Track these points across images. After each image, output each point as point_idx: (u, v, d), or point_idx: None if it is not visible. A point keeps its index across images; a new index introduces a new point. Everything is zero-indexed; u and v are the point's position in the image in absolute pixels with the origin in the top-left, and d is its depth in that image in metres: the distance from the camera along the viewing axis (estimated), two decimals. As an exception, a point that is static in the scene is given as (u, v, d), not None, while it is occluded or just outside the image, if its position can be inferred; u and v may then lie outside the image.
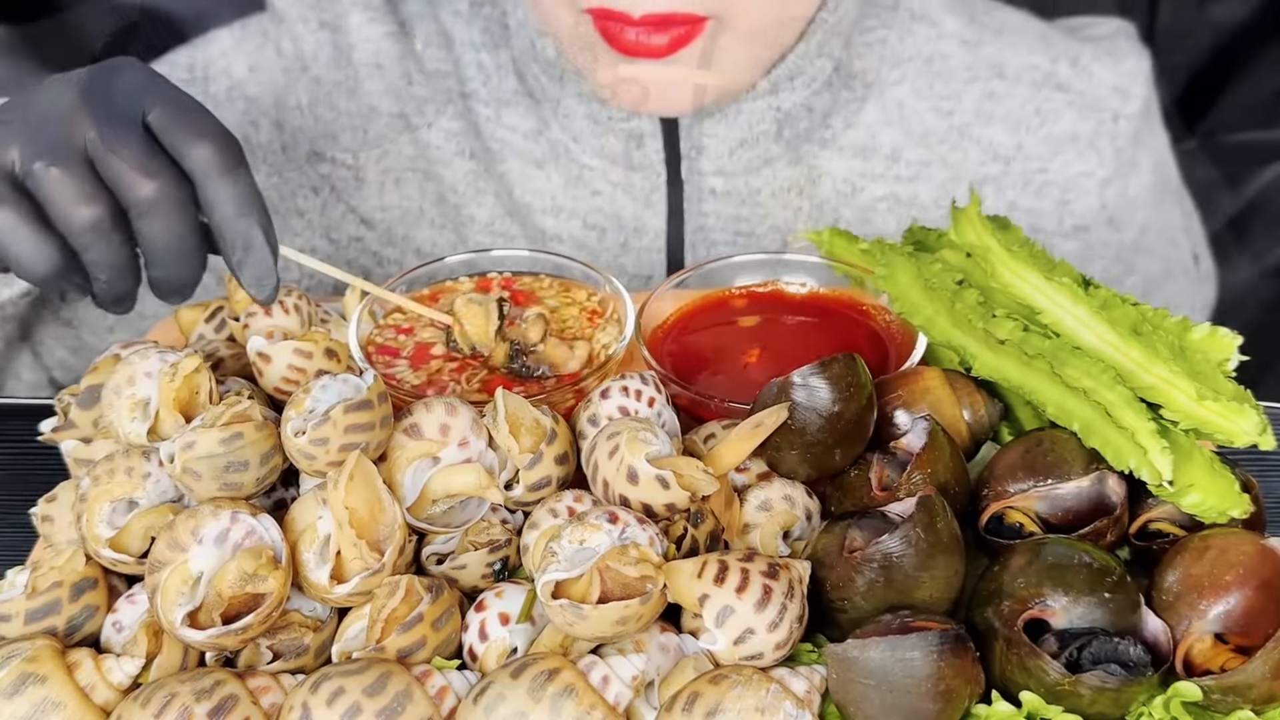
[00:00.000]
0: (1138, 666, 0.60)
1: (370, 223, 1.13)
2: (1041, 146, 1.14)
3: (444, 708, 0.60)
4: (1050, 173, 1.14)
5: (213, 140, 0.69)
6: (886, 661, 0.59)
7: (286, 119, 1.12)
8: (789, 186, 1.11)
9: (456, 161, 1.11)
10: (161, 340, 0.81)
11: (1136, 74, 1.16)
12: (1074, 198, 1.15)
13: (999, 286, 0.81)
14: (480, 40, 1.11)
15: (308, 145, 1.12)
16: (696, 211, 1.11)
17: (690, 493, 0.67)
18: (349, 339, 0.82)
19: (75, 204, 0.68)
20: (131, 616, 0.66)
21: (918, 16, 1.14)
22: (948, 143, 1.13)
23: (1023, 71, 1.14)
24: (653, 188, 1.10)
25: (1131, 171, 1.18)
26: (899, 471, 0.70)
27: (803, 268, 0.92)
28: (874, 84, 1.11)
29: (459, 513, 0.70)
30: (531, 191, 1.11)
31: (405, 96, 1.11)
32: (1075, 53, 1.16)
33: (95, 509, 0.67)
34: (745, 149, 1.08)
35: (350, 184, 1.13)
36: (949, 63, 1.13)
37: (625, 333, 0.84)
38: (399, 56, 1.11)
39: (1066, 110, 1.14)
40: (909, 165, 1.13)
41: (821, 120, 1.10)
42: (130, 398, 0.70)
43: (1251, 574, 0.62)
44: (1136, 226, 1.20)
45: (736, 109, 1.06)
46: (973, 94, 1.13)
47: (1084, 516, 0.69)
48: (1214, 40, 1.56)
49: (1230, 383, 0.75)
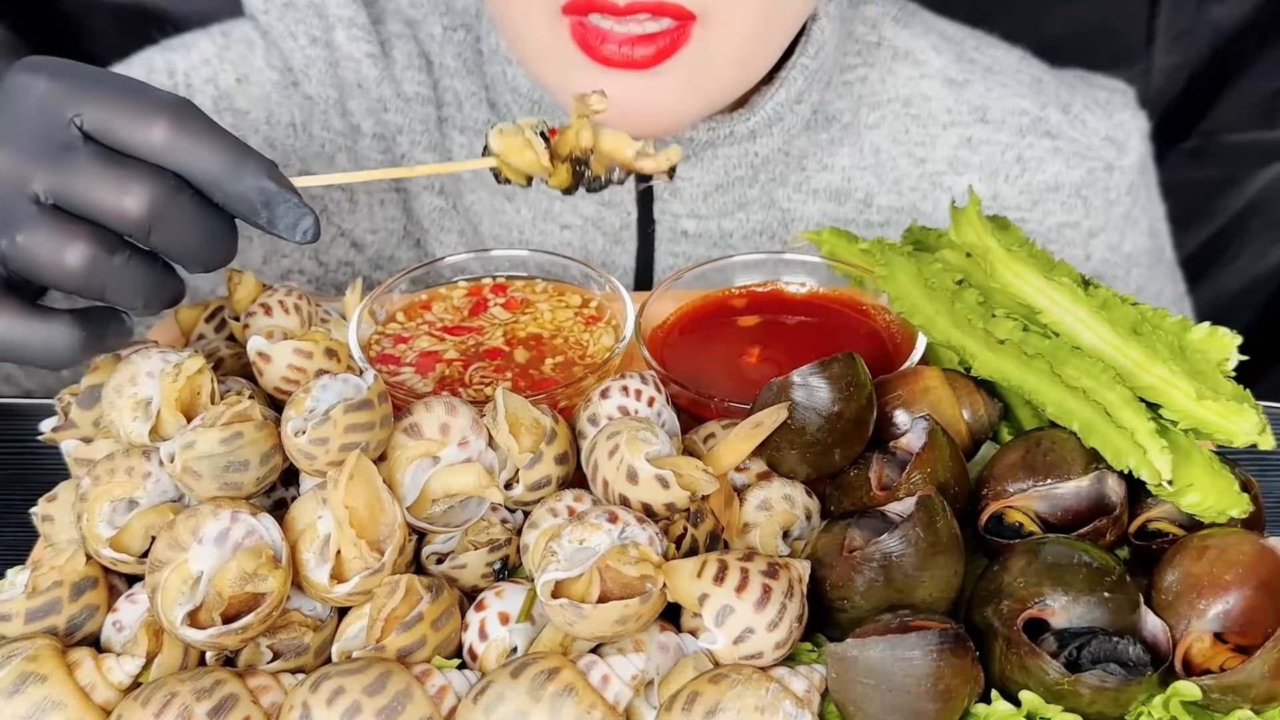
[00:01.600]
0: (1137, 666, 0.60)
1: (360, 245, 1.11)
2: (1020, 196, 1.11)
3: (444, 707, 0.60)
4: (1029, 223, 1.12)
5: (163, 115, 0.62)
6: (886, 661, 0.59)
7: (278, 137, 1.09)
8: (760, 229, 1.10)
9: (425, 196, 1.09)
10: (161, 340, 0.81)
11: (1131, 130, 1.14)
12: (1057, 249, 1.12)
13: (999, 286, 0.81)
14: (454, 66, 1.09)
15: (300, 165, 1.09)
16: (667, 252, 1.09)
17: (690, 492, 0.67)
18: (349, 339, 0.82)
19: (58, 261, 0.61)
20: (132, 616, 0.66)
21: (900, 55, 1.11)
22: (919, 190, 1.11)
23: (1007, 116, 1.11)
24: (623, 225, 1.08)
25: (1129, 228, 1.16)
26: (899, 471, 0.70)
27: (802, 268, 0.92)
28: (850, 125, 1.09)
29: (459, 512, 0.70)
30: (500, 224, 1.09)
31: (383, 122, 1.08)
32: (1067, 100, 1.13)
33: (95, 508, 0.67)
34: (720, 193, 1.06)
35: (343, 206, 1.10)
36: (929, 105, 1.10)
37: (625, 333, 0.84)
38: (378, 79, 1.07)
39: (1052, 158, 1.11)
40: (880, 211, 1.11)
41: (797, 163, 1.08)
42: (132, 397, 0.70)
43: (1251, 573, 0.62)
44: (1132, 286, 1.17)
45: (713, 153, 1.04)
46: (949, 140, 1.10)
47: (1083, 516, 0.69)
48: (1214, 40, 1.56)
49: (1229, 382, 0.75)
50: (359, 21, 1.08)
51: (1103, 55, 1.37)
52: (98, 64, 0.68)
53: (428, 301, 0.90)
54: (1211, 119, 1.61)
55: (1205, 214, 1.65)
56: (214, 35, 1.10)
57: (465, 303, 0.90)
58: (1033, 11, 1.50)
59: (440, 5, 1.11)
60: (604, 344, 0.85)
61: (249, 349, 0.76)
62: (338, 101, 1.08)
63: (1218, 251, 1.66)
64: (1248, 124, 1.61)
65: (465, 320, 0.88)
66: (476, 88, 1.09)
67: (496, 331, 0.87)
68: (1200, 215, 1.63)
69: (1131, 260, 1.17)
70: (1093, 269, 1.14)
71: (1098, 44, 1.52)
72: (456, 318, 0.89)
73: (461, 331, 0.87)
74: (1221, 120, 1.61)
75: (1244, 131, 1.61)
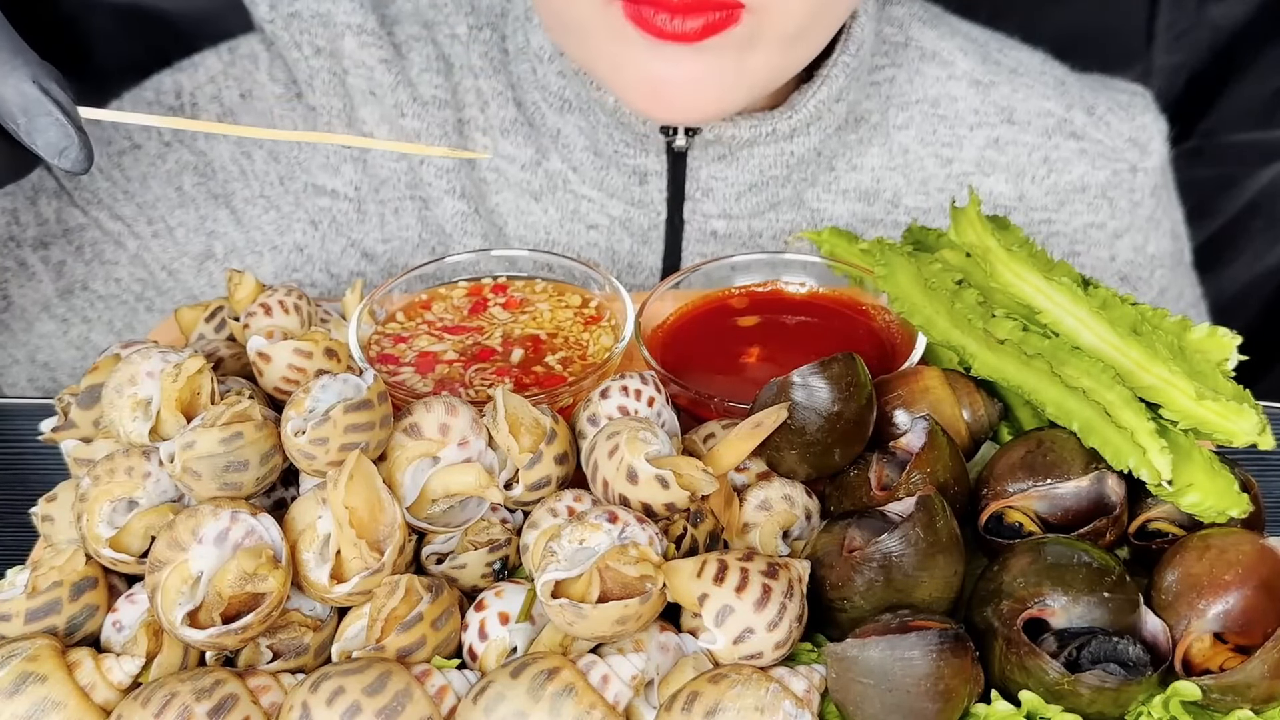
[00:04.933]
0: (1137, 666, 0.60)
1: (372, 256, 1.11)
2: (1046, 197, 1.12)
3: (444, 707, 0.60)
4: (1055, 224, 1.12)
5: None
6: (886, 661, 0.59)
7: (281, 150, 1.09)
8: (790, 229, 1.10)
9: (446, 201, 1.08)
10: (161, 340, 0.81)
11: (1154, 132, 1.14)
12: (1083, 250, 1.13)
13: (999, 286, 0.81)
14: (479, 66, 1.09)
15: (305, 177, 1.10)
16: (695, 252, 1.09)
17: (690, 492, 0.67)
18: (349, 339, 0.82)
19: None
20: (131, 616, 0.66)
21: (928, 55, 1.11)
22: (946, 191, 1.11)
23: (1034, 117, 1.11)
24: (651, 225, 1.08)
25: (1153, 230, 1.16)
26: (898, 471, 0.70)
27: (802, 268, 0.92)
28: (879, 126, 1.09)
29: (459, 512, 0.70)
30: (526, 226, 1.09)
31: (398, 128, 1.07)
32: (1091, 102, 1.13)
33: (95, 508, 0.67)
34: (754, 193, 1.06)
35: (352, 217, 1.10)
36: (956, 106, 1.11)
37: (625, 332, 0.84)
38: (392, 85, 1.07)
39: (1078, 159, 1.12)
40: (908, 211, 1.11)
41: (827, 163, 1.08)
42: (132, 397, 0.70)
43: (1250, 573, 0.62)
44: (1156, 288, 1.17)
45: (750, 153, 1.04)
46: (976, 141, 1.11)
47: (1083, 516, 0.69)
48: (1214, 40, 1.56)
49: (1229, 382, 0.75)
50: (369, 27, 1.07)
51: (1103, 55, 1.37)
52: (98, 64, 0.68)
53: (427, 301, 0.90)
54: (1211, 119, 1.61)
55: (1205, 214, 1.64)
56: (221, 53, 1.11)
57: (465, 302, 0.90)
58: (1033, 12, 1.50)
59: (465, 5, 1.11)
60: (604, 344, 0.85)
61: (249, 349, 0.76)
62: (343, 111, 1.08)
63: (1217, 251, 1.66)
64: (1248, 124, 1.61)
65: (465, 320, 0.88)
66: (503, 87, 1.09)
67: (496, 331, 0.87)
68: (1200, 215, 1.63)
69: (1155, 261, 1.17)
70: (1118, 270, 1.15)
71: (1098, 44, 1.52)
72: (456, 317, 0.89)
73: (461, 331, 0.87)
74: (1221, 120, 1.61)
75: (1244, 131, 1.61)
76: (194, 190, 1.09)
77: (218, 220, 1.10)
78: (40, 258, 1.06)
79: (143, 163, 1.08)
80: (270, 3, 1.08)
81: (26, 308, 1.07)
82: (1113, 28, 1.56)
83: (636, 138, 1.04)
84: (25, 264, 1.06)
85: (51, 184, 1.07)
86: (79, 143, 0.63)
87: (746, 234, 1.09)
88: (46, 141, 0.62)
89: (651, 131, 1.03)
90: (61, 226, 1.07)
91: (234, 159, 1.09)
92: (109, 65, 1.43)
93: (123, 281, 1.09)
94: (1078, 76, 1.17)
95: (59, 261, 1.07)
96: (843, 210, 1.10)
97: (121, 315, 1.10)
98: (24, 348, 1.08)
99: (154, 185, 1.08)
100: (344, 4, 1.07)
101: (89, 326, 1.09)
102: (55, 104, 0.62)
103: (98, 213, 1.08)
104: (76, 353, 1.09)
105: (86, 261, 1.08)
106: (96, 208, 1.08)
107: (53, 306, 1.08)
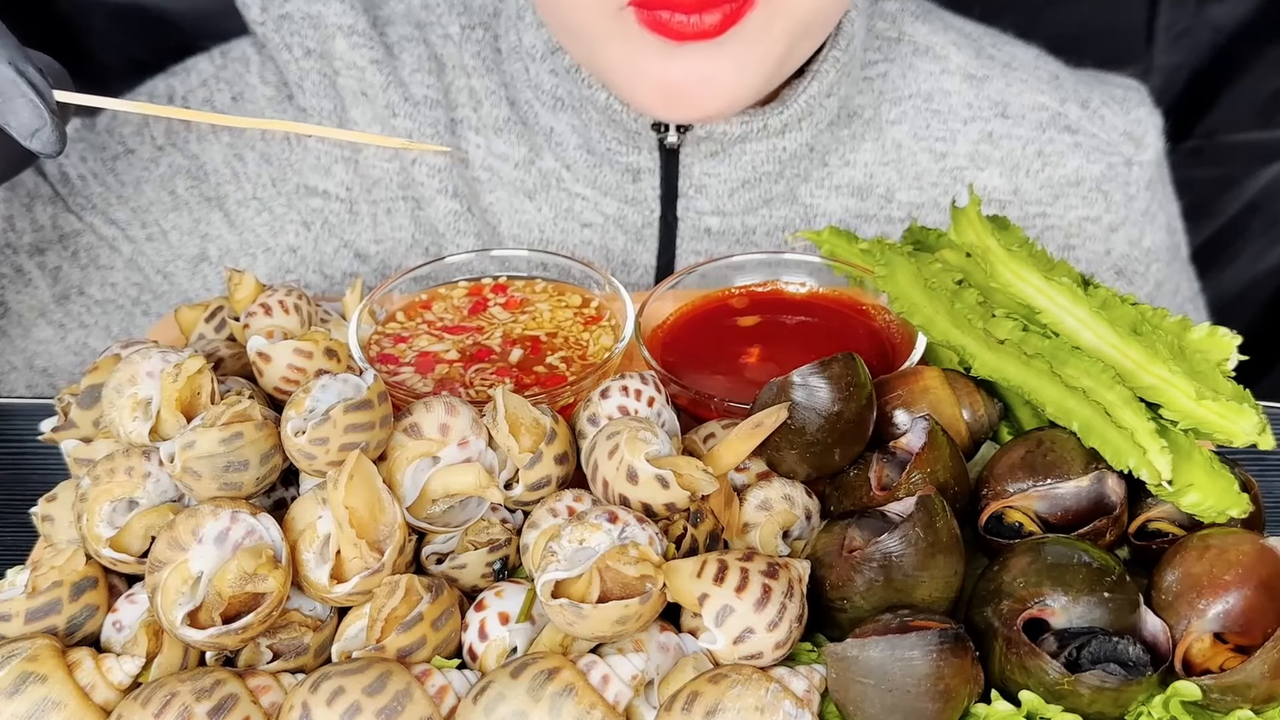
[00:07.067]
0: (1137, 666, 0.60)
1: (365, 256, 1.11)
2: (1041, 191, 1.11)
3: (444, 707, 0.60)
4: (1050, 217, 1.12)
5: None
6: (886, 661, 0.59)
7: (273, 151, 1.09)
8: (784, 226, 1.10)
9: (438, 200, 1.09)
10: (161, 339, 0.81)
11: (1149, 126, 1.14)
12: (1078, 243, 1.13)
13: (998, 286, 0.81)
14: (472, 65, 1.09)
15: (297, 179, 1.10)
16: (689, 250, 1.09)
17: (690, 492, 0.67)
18: (349, 339, 0.82)
19: None
20: (131, 616, 0.66)
21: (921, 50, 1.11)
22: (940, 185, 1.11)
23: (1028, 111, 1.11)
24: (645, 223, 1.08)
25: (1148, 224, 1.16)
26: (898, 471, 0.70)
27: (802, 267, 0.92)
28: (872, 121, 1.09)
29: (459, 512, 0.70)
30: (520, 224, 1.09)
31: (390, 128, 1.08)
32: (1085, 95, 1.13)
33: (95, 508, 0.67)
34: (747, 189, 1.06)
35: (344, 218, 1.10)
36: (949, 100, 1.11)
37: (625, 332, 0.84)
38: (384, 85, 1.07)
39: (1072, 153, 1.12)
40: (902, 206, 1.11)
41: (820, 159, 1.08)
42: (132, 397, 0.70)
43: (1250, 573, 0.62)
44: (1151, 281, 1.17)
45: (742, 149, 1.04)
46: (970, 136, 1.11)
47: (1083, 516, 0.69)
48: (1214, 40, 1.56)
49: (1229, 382, 0.75)
50: (360, 28, 1.07)
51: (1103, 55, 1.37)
52: (98, 64, 0.69)
53: (428, 301, 0.90)
54: (1211, 119, 1.61)
55: (1205, 214, 1.65)
56: (213, 56, 1.12)
57: (465, 302, 0.90)
58: (1033, 11, 1.50)
59: (457, 5, 1.11)
60: (603, 344, 0.85)
61: (249, 349, 0.76)
62: (334, 112, 1.08)
63: (1217, 251, 1.66)
64: (1248, 124, 1.61)
65: (465, 320, 0.88)
66: (496, 86, 1.09)
67: (496, 331, 0.87)
68: (1200, 215, 1.63)
69: (1151, 255, 1.17)
70: (1113, 264, 1.15)
71: (1098, 44, 1.52)
72: (456, 317, 0.89)
73: (461, 331, 0.87)
74: (1221, 120, 1.61)
75: (1244, 131, 1.62)
76: (187, 193, 1.10)
77: (211, 223, 1.10)
78: (36, 264, 1.06)
79: (136, 167, 1.09)
80: (262, 5, 1.08)
81: (24, 314, 1.07)
82: (1113, 27, 1.56)
83: (628, 135, 1.04)
84: (22, 270, 1.06)
85: (47, 190, 1.07)
86: (51, 124, 0.64)
87: (740, 230, 1.09)
88: (20, 122, 0.63)
89: (643, 129, 1.03)
90: (57, 232, 1.07)
91: (226, 161, 1.09)
92: (109, 65, 1.43)
93: (119, 286, 1.09)
94: (1072, 71, 1.17)
95: (55, 267, 1.07)
96: (836, 206, 1.10)
97: (118, 320, 1.10)
98: (22, 354, 1.09)
99: (148, 189, 1.08)
100: (335, 6, 1.08)
101: (86, 332, 1.09)
102: (30, 86, 0.63)
103: (93, 218, 1.08)
104: (74, 358, 1.09)
105: (82, 267, 1.08)
106: (91, 213, 1.08)
107: (50, 312, 1.08)
